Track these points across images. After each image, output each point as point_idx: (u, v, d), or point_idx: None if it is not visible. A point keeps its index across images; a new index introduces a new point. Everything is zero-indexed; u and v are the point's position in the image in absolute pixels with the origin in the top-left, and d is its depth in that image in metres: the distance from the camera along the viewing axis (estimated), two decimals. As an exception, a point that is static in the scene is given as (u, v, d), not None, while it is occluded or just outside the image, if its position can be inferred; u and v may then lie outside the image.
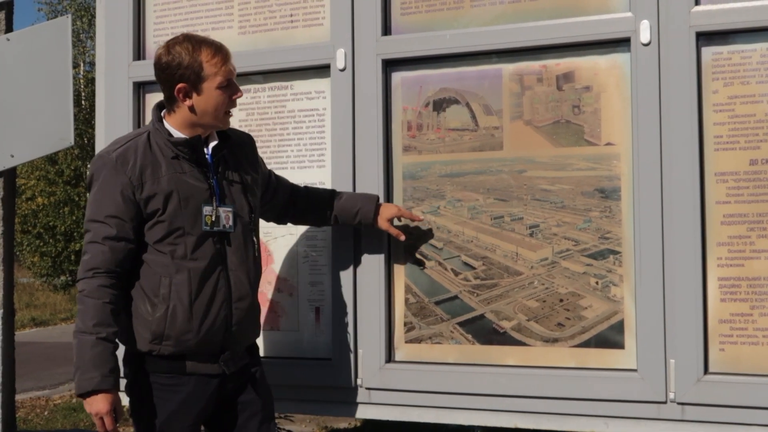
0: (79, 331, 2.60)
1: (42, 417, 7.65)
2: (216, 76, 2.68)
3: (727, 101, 2.87)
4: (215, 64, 2.68)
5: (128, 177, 2.64)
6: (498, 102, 3.15)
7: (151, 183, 2.66)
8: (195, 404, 2.71)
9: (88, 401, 2.59)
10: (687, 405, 2.87)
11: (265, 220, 3.19)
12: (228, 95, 2.73)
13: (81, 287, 2.64)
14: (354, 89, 3.28)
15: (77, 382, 2.59)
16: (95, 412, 2.58)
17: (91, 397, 2.57)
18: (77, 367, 2.59)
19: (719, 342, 2.87)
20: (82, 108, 21.64)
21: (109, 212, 2.64)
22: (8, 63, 3.75)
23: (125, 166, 2.65)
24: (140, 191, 2.65)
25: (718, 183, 2.88)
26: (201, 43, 2.70)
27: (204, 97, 2.69)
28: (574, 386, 2.99)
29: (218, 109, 2.72)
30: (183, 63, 2.66)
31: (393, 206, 3.18)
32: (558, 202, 3.06)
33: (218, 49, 2.71)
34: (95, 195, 2.69)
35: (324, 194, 3.16)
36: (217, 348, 2.72)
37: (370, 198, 3.14)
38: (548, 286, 3.07)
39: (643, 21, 2.92)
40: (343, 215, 3.13)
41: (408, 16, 3.28)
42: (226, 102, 2.73)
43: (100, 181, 2.68)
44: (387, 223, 3.12)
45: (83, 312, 2.61)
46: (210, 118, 2.73)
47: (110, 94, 3.63)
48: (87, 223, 2.69)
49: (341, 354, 3.27)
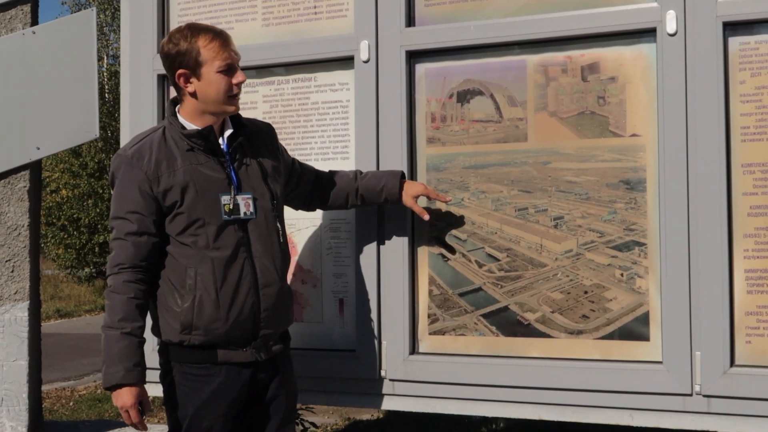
0: (106, 326, 2.65)
1: (67, 408, 7.72)
2: (214, 60, 2.70)
3: (754, 92, 2.85)
4: (212, 48, 2.70)
5: (144, 172, 2.68)
6: (522, 93, 3.14)
7: (167, 176, 2.68)
8: (227, 394, 2.72)
9: (114, 395, 2.64)
10: (713, 397, 2.86)
11: (293, 207, 3.19)
12: (228, 79, 2.73)
13: (108, 283, 2.69)
14: (378, 81, 3.28)
15: (104, 376, 2.65)
16: (121, 405, 2.64)
17: (117, 391, 2.63)
18: (104, 361, 2.65)
19: (746, 334, 2.85)
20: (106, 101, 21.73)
21: (129, 208, 2.68)
22: (34, 56, 3.77)
23: (141, 161, 2.69)
24: (157, 185, 2.68)
25: (745, 174, 2.85)
26: (200, 30, 2.73)
27: (204, 82, 2.71)
28: (599, 378, 2.98)
29: (220, 94, 2.73)
30: (181, 50, 2.71)
31: (419, 184, 3.16)
32: (583, 194, 3.05)
33: (217, 35, 2.73)
34: (116, 192, 2.74)
35: (348, 175, 3.16)
36: (248, 335, 2.74)
37: (395, 173, 3.13)
38: (573, 278, 3.05)
39: (669, 11, 2.90)
40: (368, 194, 3.12)
41: (432, 7, 3.27)
42: (228, 86, 2.74)
43: (119, 179, 2.73)
44: (412, 200, 3.11)
45: (110, 307, 2.66)
46: (214, 104, 2.74)
47: (135, 87, 3.64)
48: (111, 220, 2.74)
49: (365, 345, 3.27)
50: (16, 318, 3.76)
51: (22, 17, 3.83)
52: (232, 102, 2.77)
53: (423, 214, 3.12)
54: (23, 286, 3.79)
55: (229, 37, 2.76)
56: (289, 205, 3.12)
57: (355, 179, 3.13)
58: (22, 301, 3.77)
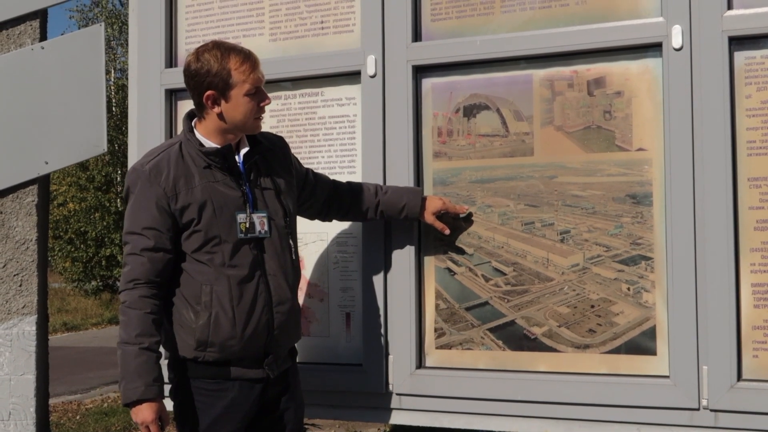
0: (122, 341, 2.64)
1: (74, 421, 7.71)
2: (244, 83, 2.69)
3: (760, 106, 2.85)
4: (243, 71, 2.69)
5: (162, 188, 2.67)
6: (528, 108, 3.14)
7: (185, 193, 2.68)
8: (239, 409, 2.73)
9: (134, 411, 2.63)
10: (720, 412, 2.85)
11: (308, 218, 3.19)
12: (256, 102, 2.74)
13: (123, 299, 2.68)
14: (384, 95, 3.29)
15: (123, 392, 2.64)
16: (141, 421, 2.63)
17: (136, 407, 2.62)
18: (122, 377, 2.64)
19: (753, 348, 2.84)
20: (113, 114, 21.80)
21: (145, 224, 2.67)
22: (43, 71, 3.79)
23: (159, 177, 2.68)
24: (175, 202, 2.67)
25: (751, 188, 2.85)
26: (230, 51, 2.72)
27: (232, 104, 2.71)
28: (606, 393, 2.97)
29: (247, 116, 2.73)
30: (212, 70, 2.68)
31: (438, 199, 3.16)
32: (589, 208, 3.05)
33: (246, 57, 2.72)
34: (132, 207, 2.72)
35: (370, 189, 3.15)
36: (260, 352, 2.74)
37: (416, 192, 3.14)
38: (579, 292, 3.05)
39: (675, 26, 2.91)
40: (389, 210, 3.12)
41: (438, 22, 3.28)
42: (255, 109, 2.74)
43: (136, 194, 2.71)
44: (433, 217, 3.13)
45: (126, 323, 2.65)
46: (239, 125, 2.75)
47: (143, 102, 3.66)
48: (125, 235, 2.73)
49: (372, 359, 3.27)
50: (23, 332, 3.77)
51: (31, 32, 3.85)
52: (256, 124, 2.79)
53: (444, 230, 3.15)
54: (31, 300, 3.80)
55: (257, 59, 2.76)
56: (303, 215, 3.12)
57: (376, 194, 3.13)
58: (29, 315, 3.78)
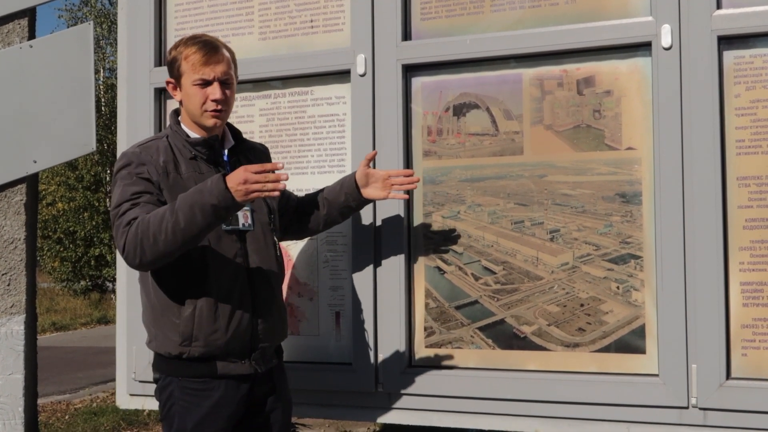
0: (172, 221, 2.48)
1: (63, 421, 7.69)
2: (192, 73, 2.71)
3: (749, 105, 2.86)
4: (193, 61, 2.70)
5: (154, 165, 2.67)
6: (518, 107, 3.15)
7: (174, 176, 2.68)
8: (225, 409, 2.71)
9: (234, 192, 2.46)
10: (709, 410, 2.86)
11: (288, 239, 3.18)
12: (203, 93, 2.71)
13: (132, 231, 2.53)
14: (374, 94, 3.29)
15: (215, 198, 2.46)
16: (243, 180, 2.46)
17: (229, 190, 2.46)
18: (199, 205, 2.47)
19: (741, 347, 2.85)
20: (102, 114, 21.75)
21: (137, 190, 2.61)
22: (31, 70, 3.77)
23: (149, 156, 2.68)
24: (166, 179, 2.66)
25: (740, 187, 2.86)
26: (193, 41, 2.75)
27: (184, 92, 2.75)
28: (595, 391, 2.98)
29: (196, 106, 2.72)
30: (170, 58, 2.78)
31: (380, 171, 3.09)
32: (579, 207, 3.05)
33: (201, 48, 2.71)
34: (121, 182, 2.65)
35: (314, 194, 3.12)
36: (246, 347, 2.73)
37: (349, 174, 3.10)
38: (569, 291, 3.06)
39: (664, 25, 2.92)
40: (334, 202, 3.06)
41: (428, 21, 3.28)
42: (202, 100, 2.72)
43: (127, 170, 2.66)
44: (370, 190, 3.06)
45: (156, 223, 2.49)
46: (193, 116, 2.76)
47: (132, 100, 3.66)
48: (114, 209, 2.62)
49: (361, 358, 3.27)
50: (12, 332, 3.75)
51: (20, 31, 3.83)
52: (208, 117, 2.74)
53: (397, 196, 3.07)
54: (19, 299, 3.78)
55: (222, 55, 2.72)
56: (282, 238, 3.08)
57: (321, 192, 3.11)
58: (18, 315, 3.76)
